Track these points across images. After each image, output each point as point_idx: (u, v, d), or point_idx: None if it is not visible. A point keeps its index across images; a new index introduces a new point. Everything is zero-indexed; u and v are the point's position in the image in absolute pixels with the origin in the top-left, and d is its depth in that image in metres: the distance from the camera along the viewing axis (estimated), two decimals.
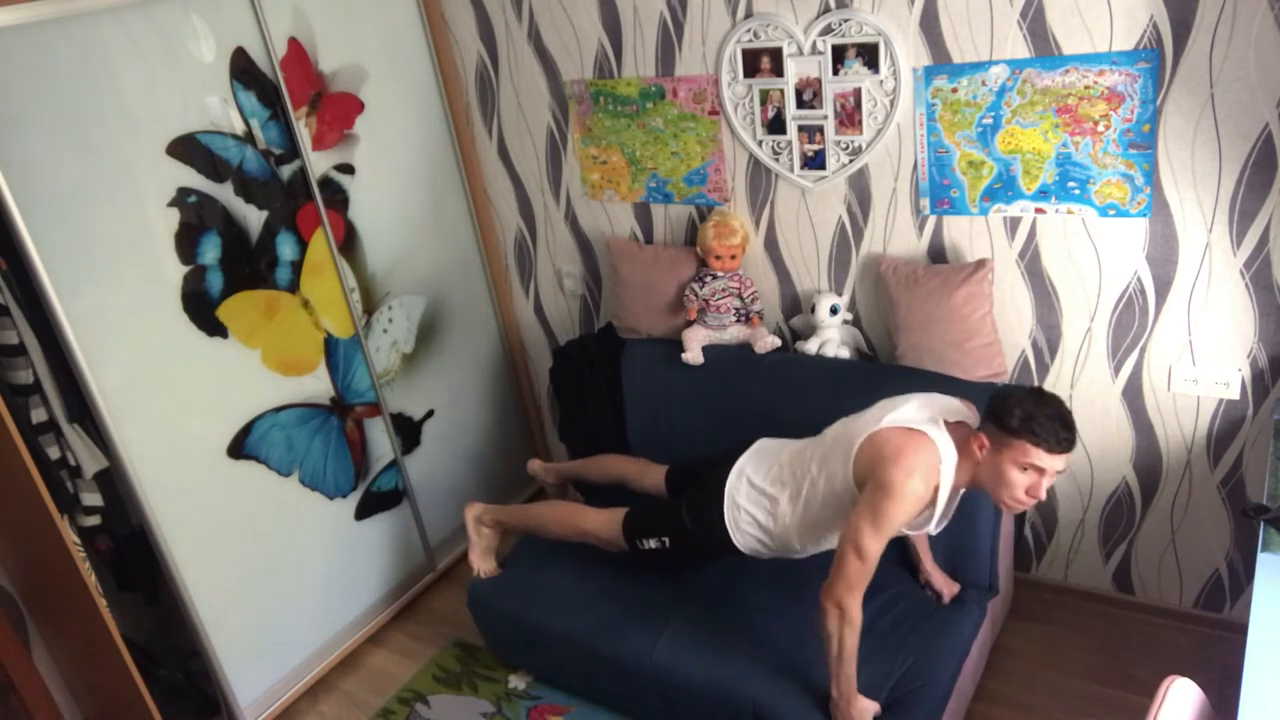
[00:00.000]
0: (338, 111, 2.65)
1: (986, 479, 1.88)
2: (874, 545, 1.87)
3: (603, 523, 2.40)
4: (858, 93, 2.34)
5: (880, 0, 2.22)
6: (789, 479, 2.12)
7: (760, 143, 2.55)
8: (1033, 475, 1.82)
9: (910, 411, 1.96)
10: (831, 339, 2.61)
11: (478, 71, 2.98)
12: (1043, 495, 1.84)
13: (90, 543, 2.34)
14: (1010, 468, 1.83)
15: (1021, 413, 1.81)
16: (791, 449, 2.20)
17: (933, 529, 2.00)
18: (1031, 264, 2.32)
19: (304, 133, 2.55)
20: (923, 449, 1.88)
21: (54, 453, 2.18)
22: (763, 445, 2.29)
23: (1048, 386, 2.43)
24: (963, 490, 1.98)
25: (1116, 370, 2.33)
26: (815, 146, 2.47)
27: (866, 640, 2.14)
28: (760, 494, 2.15)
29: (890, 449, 1.89)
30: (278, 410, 2.56)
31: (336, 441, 2.74)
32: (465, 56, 2.98)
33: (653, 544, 2.30)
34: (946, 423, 1.94)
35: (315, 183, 2.58)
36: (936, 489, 1.90)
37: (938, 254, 2.44)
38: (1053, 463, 1.80)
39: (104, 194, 2.12)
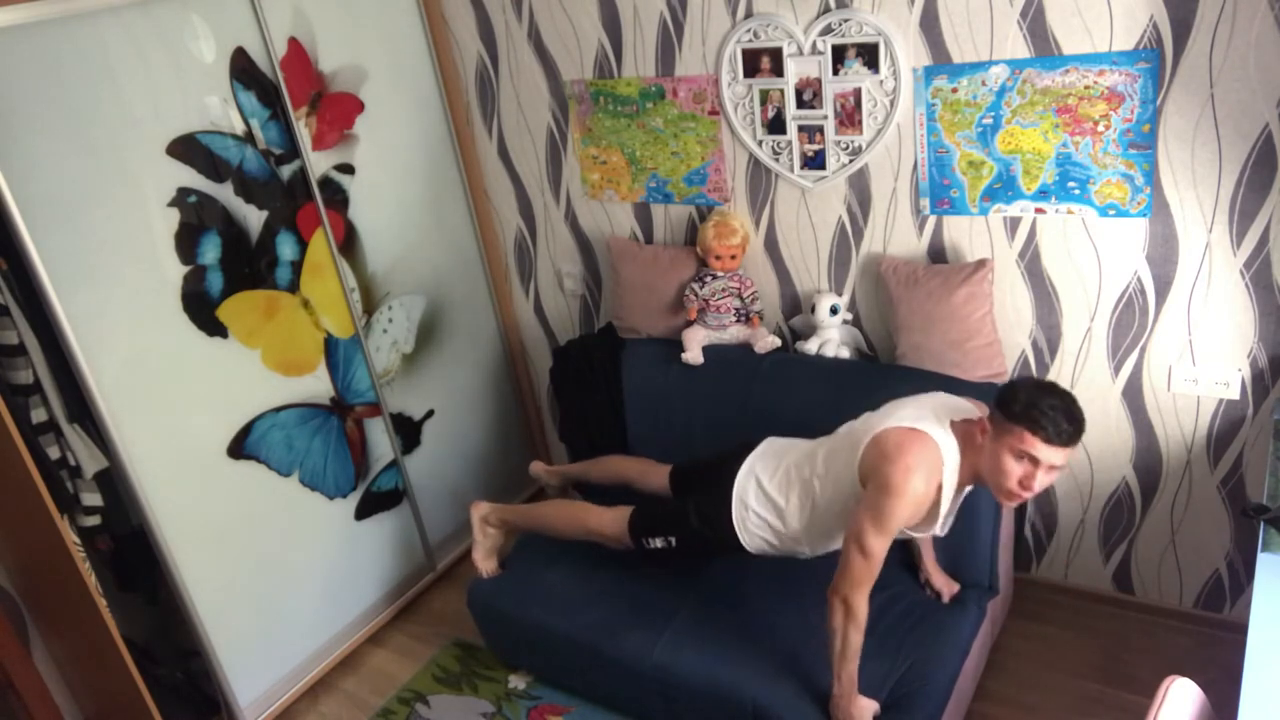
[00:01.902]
0: (338, 111, 2.65)
1: (985, 468, 1.86)
2: (877, 543, 1.87)
3: (609, 521, 2.40)
4: (858, 93, 2.34)
5: (880, 0, 2.22)
6: (796, 481, 2.12)
7: (760, 143, 2.55)
8: (1027, 465, 1.78)
9: (914, 411, 1.96)
10: (831, 339, 2.61)
11: (478, 71, 2.98)
12: (1035, 489, 1.79)
13: (90, 543, 2.34)
14: (1006, 455, 1.79)
15: (1026, 399, 1.78)
16: (800, 450, 2.20)
17: (939, 530, 2.00)
18: (1031, 264, 2.32)
19: (304, 133, 2.55)
20: (924, 448, 1.88)
21: (54, 453, 2.18)
22: (771, 445, 2.29)
23: None
24: (969, 488, 1.98)
25: (1116, 370, 2.33)
26: (815, 146, 2.47)
27: (867, 640, 2.13)
28: (768, 495, 2.15)
29: (891, 447, 1.89)
30: (278, 410, 2.56)
31: (336, 441, 2.74)
32: (465, 56, 2.98)
33: (659, 543, 2.30)
34: (952, 421, 1.93)
35: (315, 183, 2.58)
36: (940, 488, 1.90)
37: (938, 254, 2.44)
38: (1050, 455, 1.76)
39: (104, 194, 2.12)
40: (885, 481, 1.86)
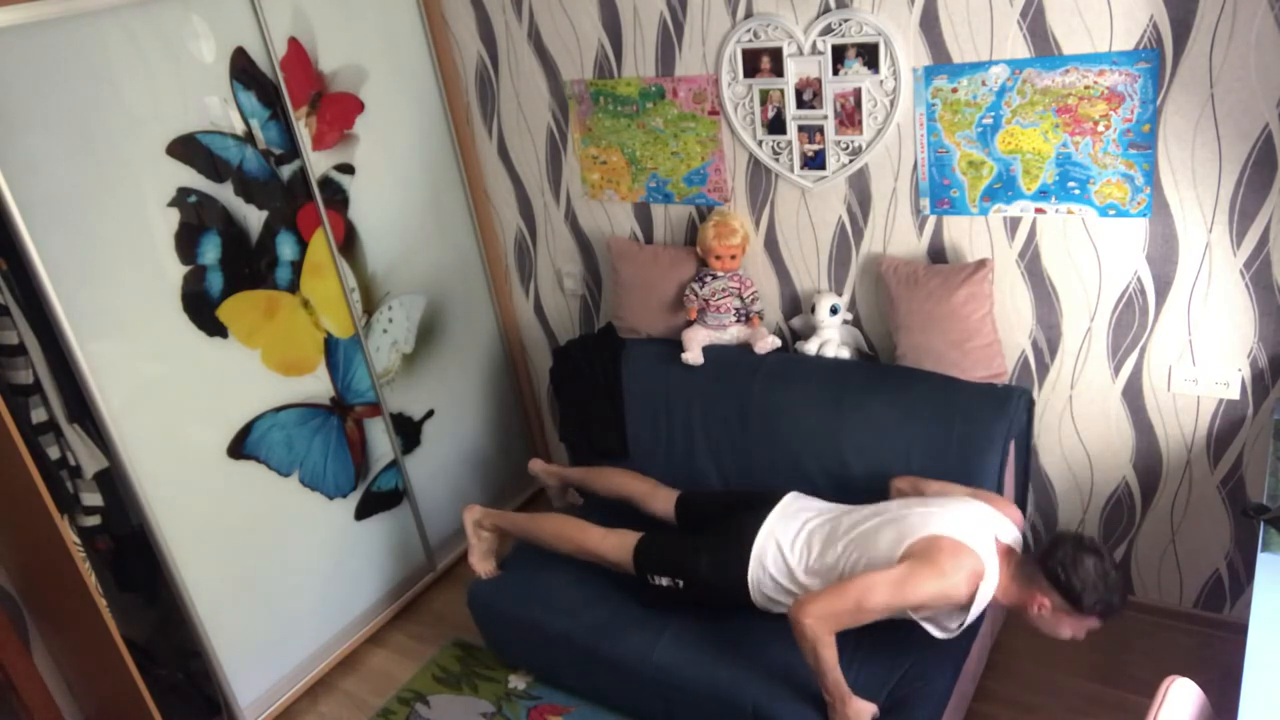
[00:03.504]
0: (338, 111, 2.65)
1: (1032, 620, 1.95)
2: (881, 603, 1.89)
3: (610, 546, 2.38)
4: (858, 93, 2.34)
5: (880, 0, 2.22)
6: (821, 554, 2.10)
7: (760, 143, 2.55)
8: (1081, 632, 1.93)
9: (968, 526, 1.98)
10: (831, 339, 2.61)
11: (478, 71, 2.98)
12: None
13: (90, 543, 2.34)
14: (1068, 626, 1.92)
15: (1096, 595, 1.87)
16: (824, 518, 2.18)
17: (949, 633, 2.01)
18: (1031, 264, 2.32)
19: (304, 133, 2.55)
20: (977, 561, 1.92)
21: (54, 453, 2.18)
22: (793, 504, 2.28)
23: (1047, 386, 2.43)
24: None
25: (1116, 370, 2.33)
26: (815, 146, 2.47)
27: (867, 641, 2.14)
28: (788, 563, 2.14)
29: (948, 545, 1.93)
30: (278, 410, 2.56)
31: (336, 441, 2.74)
32: (465, 56, 2.98)
33: (664, 582, 2.29)
34: (998, 543, 1.98)
35: (315, 183, 2.58)
36: (973, 596, 1.92)
37: (938, 254, 2.44)
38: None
39: (104, 194, 2.12)
40: (932, 560, 1.90)
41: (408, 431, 2.99)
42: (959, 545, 1.92)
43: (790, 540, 2.16)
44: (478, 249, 3.19)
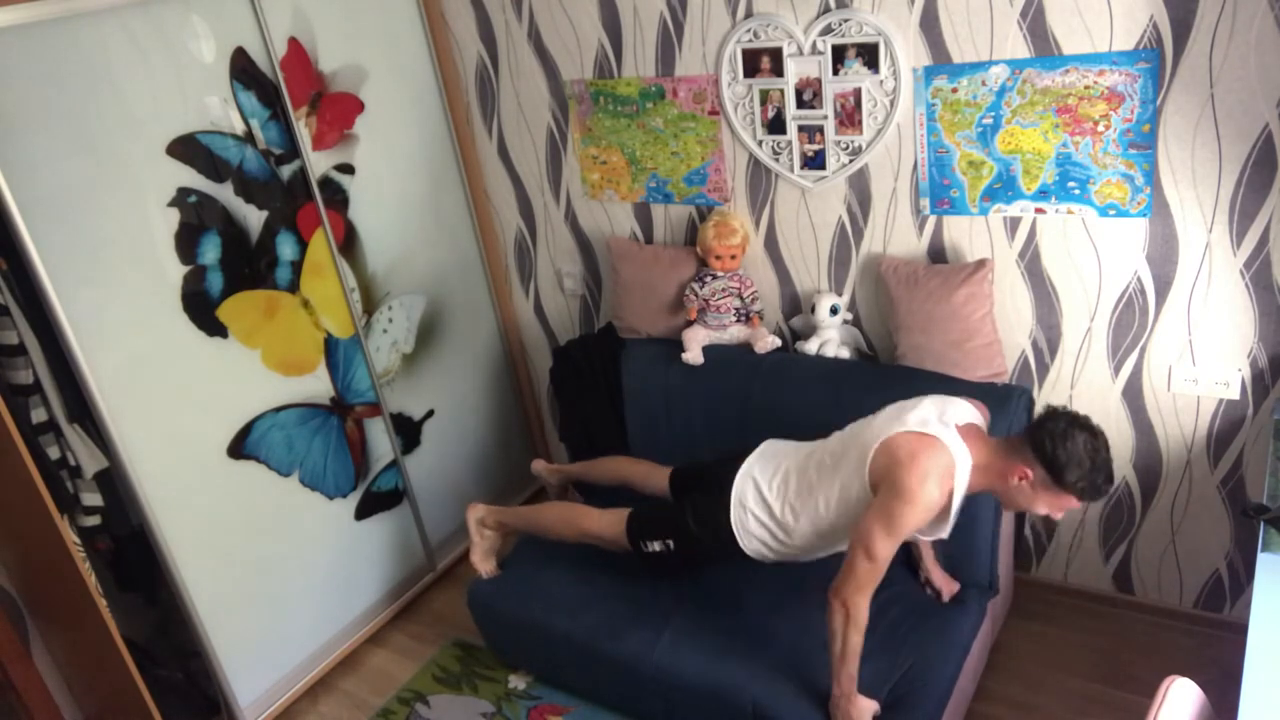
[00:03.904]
0: (338, 111, 2.65)
1: (1009, 496, 1.91)
2: (885, 548, 1.88)
3: (606, 524, 2.40)
4: (858, 93, 2.34)
5: (880, 0, 2.22)
6: (798, 487, 2.12)
7: (760, 143, 2.55)
8: (1059, 509, 1.90)
9: (923, 415, 1.96)
10: (831, 339, 2.61)
11: (478, 71, 2.98)
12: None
13: (90, 543, 2.34)
14: (1045, 501, 1.88)
15: (1080, 472, 1.81)
16: (800, 453, 2.20)
17: (945, 534, 2.01)
18: (1031, 264, 2.32)
19: (304, 133, 2.55)
20: (938, 454, 1.89)
21: (54, 453, 2.18)
22: (769, 447, 2.29)
23: (1047, 386, 2.43)
24: (974, 493, 1.99)
25: (1116, 370, 2.33)
26: (815, 146, 2.47)
27: (867, 640, 2.13)
28: (765, 499, 2.15)
29: (904, 453, 1.90)
30: (278, 410, 2.56)
31: (336, 441, 2.74)
32: (465, 56, 2.98)
33: (656, 546, 2.30)
34: (958, 426, 1.94)
35: (315, 183, 2.58)
36: (951, 493, 1.91)
37: (938, 254, 2.44)
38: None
39: (104, 194, 2.12)
40: (900, 487, 1.87)
41: (408, 431, 2.99)
42: (919, 441, 1.90)
43: (768, 479, 2.17)
44: (478, 249, 3.19)
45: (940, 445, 1.89)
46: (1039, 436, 1.84)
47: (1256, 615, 1.52)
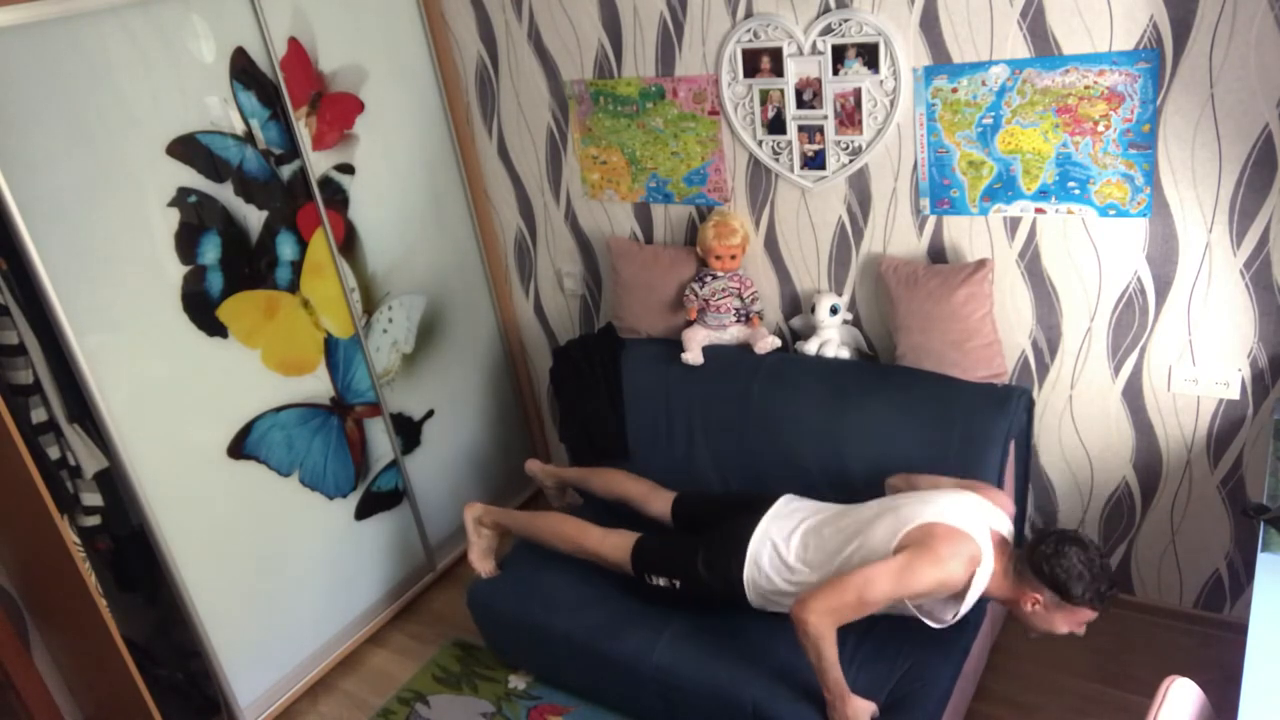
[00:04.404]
0: (338, 111, 2.65)
1: (1029, 621, 1.96)
2: (882, 595, 1.90)
3: (610, 546, 2.39)
4: (858, 93, 2.34)
5: (880, 0, 2.22)
6: (817, 549, 2.11)
7: (760, 143, 2.55)
8: (1079, 625, 1.94)
9: (960, 513, 1.98)
10: (831, 339, 2.61)
11: (478, 71, 2.98)
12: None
13: (90, 543, 2.34)
14: (1063, 621, 1.92)
15: (1084, 585, 1.87)
16: (819, 518, 2.19)
17: (944, 622, 2.01)
18: (1031, 264, 2.32)
19: (304, 133, 2.55)
20: (973, 545, 1.93)
21: (54, 453, 2.18)
22: (786, 506, 2.28)
23: (1047, 386, 2.43)
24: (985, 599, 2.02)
25: (1116, 370, 2.33)
26: (815, 146, 2.47)
27: (867, 641, 2.14)
28: (784, 562, 2.14)
29: (943, 531, 1.94)
30: (278, 410, 2.56)
31: (336, 441, 2.74)
32: (465, 56, 2.98)
33: (661, 582, 2.30)
34: (992, 531, 1.99)
35: (315, 183, 2.58)
36: (970, 582, 1.92)
37: (938, 254, 2.44)
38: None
39: (104, 194, 2.12)
40: (930, 550, 1.90)
41: (408, 431, 2.99)
42: (954, 531, 1.93)
43: (785, 539, 2.17)
44: (478, 249, 3.19)
45: (975, 545, 1.93)
46: (1036, 563, 1.91)
47: (1256, 615, 1.52)
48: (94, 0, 2.05)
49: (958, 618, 1.98)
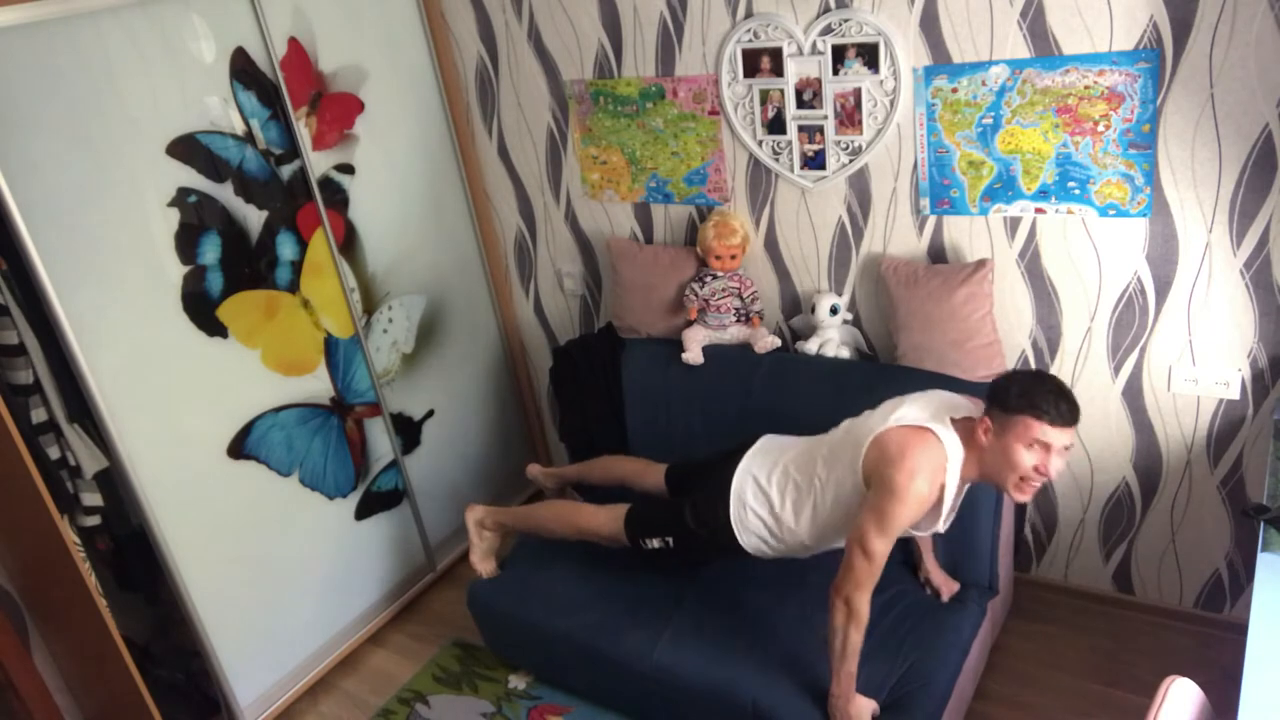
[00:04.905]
0: (338, 111, 2.65)
1: (993, 464, 1.88)
2: (880, 546, 1.88)
3: (604, 520, 2.40)
4: (858, 93, 2.34)
5: (880, 0, 2.22)
6: (796, 483, 2.12)
7: (760, 143, 2.55)
8: (1040, 452, 1.82)
9: (915, 410, 1.97)
10: (831, 339, 2.61)
11: (478, 71, 2.98)
12: (1052, 473, 1.83)
13: (90, 543, 2.34)
14: (1017, 446, 1.82)
15: (1019, 389, 1.83)
16: (797, 448, 2.20)
17: (940, 527, 2.00)
18: (1031, 264, 2.32)
19: (304, 133, 2.55)
20: (928, 448, 1.89)
21: (54, 453, 2.18)
22: (767, 443, 2.29)
23: None
24: (969, 484, 1.99)
25: (1116, 370, 2.33)
26: (815, 146, 2.47)
27: (867, 640, 2.14)
28: (765, 493, 2.15)
29: (894, 449, 1.90)
30: (278, 410, 2.56)
31: (336, 441, 2.74)
32: (465, 56, 2.98)
33: (656, 543, 2.30)
34: (952, 419, 1.94)
35: (315, 183, 2.58)
36: (943, 487, 1.90)
37: (938, 254, 2.44)
38: (1058, 436, 1.80)
39: (104, 194, 2.12)
40: (889, 485, 1.87)
41: (408, 431, 2.99)
42: (906, 439, 1.90)
43: (767, 475, 2.17)
44: (478, 249, 3.19)
45: (931, 438, 1.90)
46: (989, 392, 1.90)
47: (1256, 615, 1.52)
48: (94, 0, 2.05)
49: (946, 522, 1.97)
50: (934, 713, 2.00)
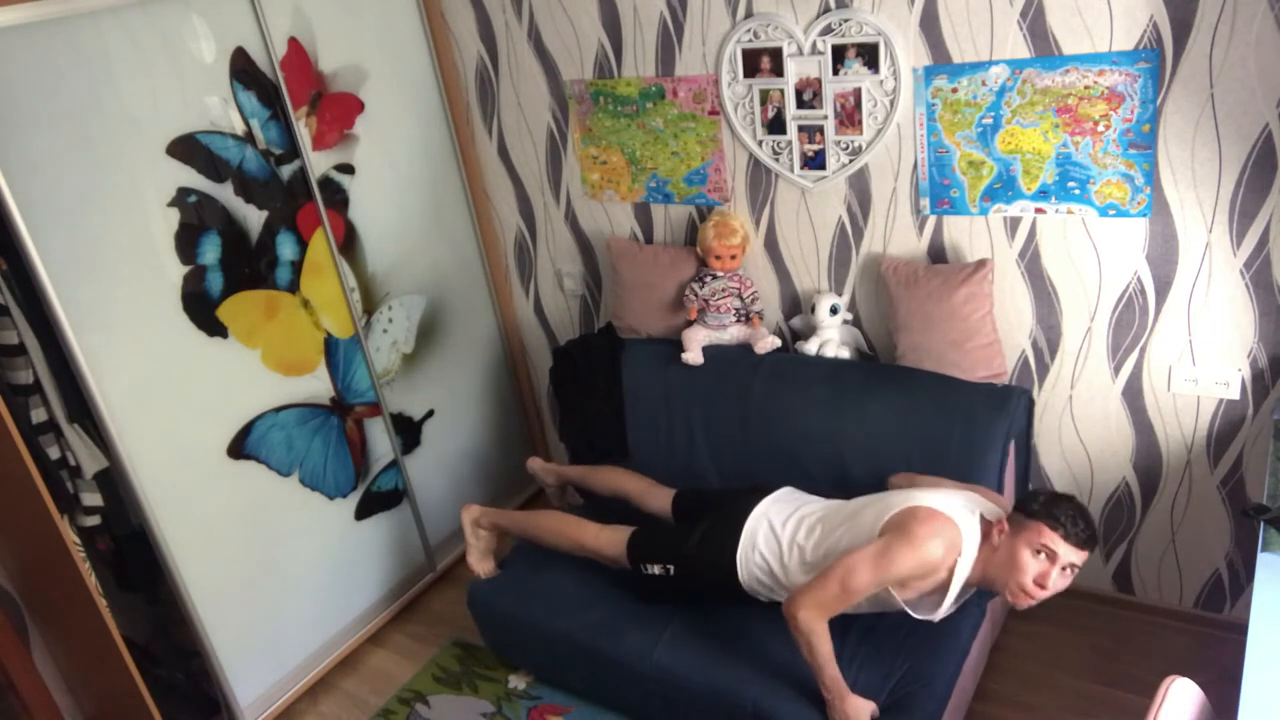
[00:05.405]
0: (338, 111, 2.65)
1: (997, 566, 1.91)
2: (864, 581, 1.89)
3: (606, 541, 2.40)
4: (858, 93, 2.34)
5: (880, 0, 2.22)
6: (809, 531, 2.12)
7: (760, 143, 2.55)
8: (1044, 562, 1.85)
9: (947, 498, 1.99)
10: (831, 339, 2.61)
11: (478, 71, 2.98)
12: (1049, 588, 1.84)
13: (90, 543, 2.34)
14: (1024, 550, 1.86)
15: (1045, 500, 1.89)
16: (816, 504, 2.21)
17: (936, 616, 2.00)
18: (1031, 264, 2.32)
19: (304, 133, 2.55)
20: (951, 528, 1.92)
21: (54, 453, 2.18)
22: (787, 494, 2.31)
23: (1047, 386, 2.43)
24: (972, 589, 2.00)
25: (1116, 370, 2.33)
26: (815, 146, 2.47)
27: (866, 641, 2.14)
28: (778, 541, 2.15)
29: (923, 514, 1.93)
30: (278, 410, 2.56)
31: (336, 441, 2.74)
32: (465, 56, 2.98)
33: (656, 569, 2.30)
34: (982, 517, 1.98)
35: (315, 183, 2.58)
36: (953, 570, 1.91)
37: (938, 254, 2.44)
38: (1067, 552, 1.84)
39: (104, 194, 2.12)
40: (906, 531, 1.90)
41: (408, 431, 2.99)
42: (935, 513, 1.92)
43: (783, 521, 2.18)
44: (478, 249, 3.19)
45: (954, 525, 1.92)
46: (1015, 502, 1.96)
47: (1256, 615, 1.52)
48: (94, 0, 2.05)
49: (945, 612, 1.97)
50: (934, 713, 2.00)
